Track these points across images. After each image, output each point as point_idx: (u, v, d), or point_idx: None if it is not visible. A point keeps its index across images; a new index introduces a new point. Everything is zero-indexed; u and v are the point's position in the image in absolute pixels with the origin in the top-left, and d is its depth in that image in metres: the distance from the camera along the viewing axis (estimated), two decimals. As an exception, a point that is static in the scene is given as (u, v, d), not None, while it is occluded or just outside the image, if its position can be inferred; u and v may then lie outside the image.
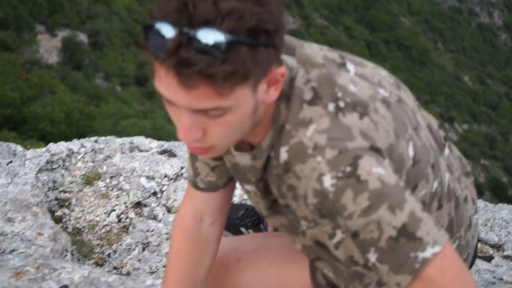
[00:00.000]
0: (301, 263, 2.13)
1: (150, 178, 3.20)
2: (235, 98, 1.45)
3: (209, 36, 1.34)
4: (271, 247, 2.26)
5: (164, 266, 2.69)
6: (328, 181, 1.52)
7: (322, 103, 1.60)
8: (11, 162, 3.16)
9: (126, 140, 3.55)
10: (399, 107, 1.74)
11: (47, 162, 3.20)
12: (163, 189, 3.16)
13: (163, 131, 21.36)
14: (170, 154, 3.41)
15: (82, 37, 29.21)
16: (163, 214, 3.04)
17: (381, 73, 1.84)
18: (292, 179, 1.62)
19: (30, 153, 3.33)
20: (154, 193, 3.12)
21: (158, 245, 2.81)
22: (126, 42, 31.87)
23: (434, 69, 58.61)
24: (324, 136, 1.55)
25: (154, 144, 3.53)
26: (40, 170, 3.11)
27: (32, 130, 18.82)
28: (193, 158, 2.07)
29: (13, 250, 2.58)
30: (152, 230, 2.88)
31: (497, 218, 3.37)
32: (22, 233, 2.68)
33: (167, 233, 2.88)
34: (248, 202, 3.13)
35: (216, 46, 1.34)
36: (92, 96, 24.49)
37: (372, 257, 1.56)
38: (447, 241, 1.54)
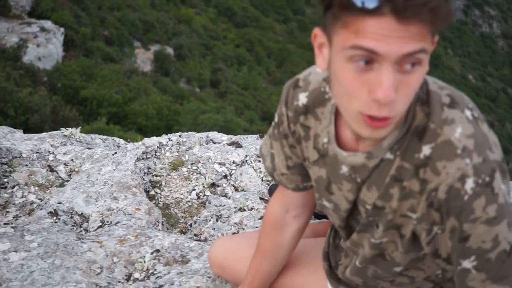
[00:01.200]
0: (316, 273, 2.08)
1: (221, 164, 3.24)
2: (429, 47, 1.36)
3: None
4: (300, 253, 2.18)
5: (233, 233, 2.75)
6: (469, 184, 1.42)
7: (460, 108, 1.51)
8: (115, 153, 3.25)
9: (203, 134, 3.59)
10: None
11: (143, 153, 3.28)
12: (232, 172, 3.21)
13: (232, 122, 21.53)
14: (237, 145, 3.45)
15: (169, 50, 29.73)
16: (232, 192, 3.08)
17: None
18: (427, 174, 1.50)
19: (130, 145, 3.40)
20: (225, 176, 3.19)
21: (228, 217, 2.85)
22: (203, 53, 32.23)
23: (445, 70, 59.91)
24: (471, 141, 1.45)
25: (225, 137, 3.55)
26: (137, 159, 3.18)
27: (132, 124, 19.26)
28: (278, 156, 1.91)
29: (118, 222, 2.70)
30: (223, 205, 2.93)
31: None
32: (125, 209, 2.78)
33: (235, 207, 2.91)
34: None
35: None
36: (177, 96, 24.79)
37: (469, 264, 1.49)
38: None
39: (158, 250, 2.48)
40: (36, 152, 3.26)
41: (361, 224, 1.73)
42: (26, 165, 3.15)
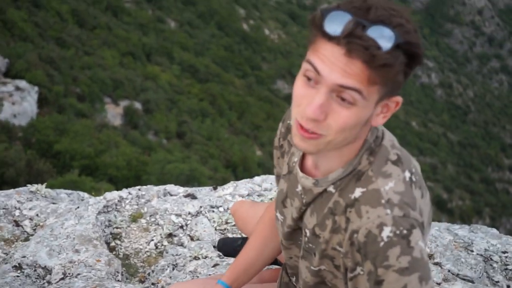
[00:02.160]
0: None
1: (178, 215, 3.22)
2: (370, 94, 1.41)
3: (384, 31, 1.34)
4: None
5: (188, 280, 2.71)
6: (386, 232, 1.45)
7: (402, 168, 1.56)
8: (78, 207, 3.20)
9: (161, 187, 3.56)
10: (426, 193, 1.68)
11: (104, 206, 3.25)
12: (188, 223, 3.18)
13: (197, 171, 21.50)
14: (193, 197, 3.44)
15: (138, 105, 29.78)
16: (188, 242, 3.05)
17: None
18: (352, 214, 1.54)
19: (92, 200, 3.38)
20: (181, 226, 3.16)
21: (184, 265, 2.82)
22: (169, 107, 32.30)
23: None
24: (398, 197, 1.49)
25: (181, 189, 3.53)
26: (99, 213, 3.14)
27: (103, 175, 19.10)
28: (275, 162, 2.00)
29: (78, 274, 2.63)
30: (180, 254, 2.91)
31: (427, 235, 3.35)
32: (86, 261, 2.72)
33: (190, 256, 2.89)
34: (237, 235, 3.15)
35: (386, 39, 1.34)
36: (146, 148, 24.74)
37: None
38: None
39: (116, 301, 2.43)
40: (3, 208, 3.22)
41: (303, 249, 1.75)
42: (-7, 221, 3.10)
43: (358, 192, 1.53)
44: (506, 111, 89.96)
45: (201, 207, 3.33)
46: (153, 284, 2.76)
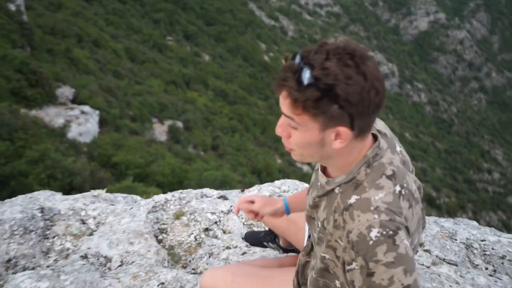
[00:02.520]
0: (287, 282, 2.06)
1: (212, 213, 3.23)
2: (303, 122, 1.45)
3: (306, 72, 1.37)
4: (263, 272, 2.16)
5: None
6: (374, 233, 1.46)
7: (394, 182, 1.55)
8: (132, 208, 3.26)
9: (199, 191, 3.57)
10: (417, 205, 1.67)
11: (153, 207, 3.27)
12: (221, 219, 3.19)
13: (228, 177, 21.46)
14: (224, 198, 3.43)
15: (179, 124, 29.99)
16: (221, 234, 3.05)
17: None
18: (346, 216, 1.54)
19: (143, 201, 3.40)
20: (216, 222, 3.17)
21: (218, 254, 2.84)
22: (205, 125, 32.46)
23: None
24: (385, 205, 1.49)
25: (215, 192, 3.53)
26: (148, 212, 3.18)
27: (152, 181, 19.19)
28: None
29: (132, 262, 2.69)
30: (214, 245, 2.93)
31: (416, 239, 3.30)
32: (138, 251, 2.77)
33: (223, 246, 2.92)
34: (261, 229, 3.15)
35: (305, 78, 1.36)
36: (186, 158, 24.82)
37: None
38: None
39: (162, 283, 2.45)
40: (72, 210, 3.23)
41: (317, 237, 1.75)
42: (64, 220, 3.12)
43: (353, 198, 1.55)
44: (484, 123, 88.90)
45: (231, 206, 3.33)
46: (193, 269, 2.77)
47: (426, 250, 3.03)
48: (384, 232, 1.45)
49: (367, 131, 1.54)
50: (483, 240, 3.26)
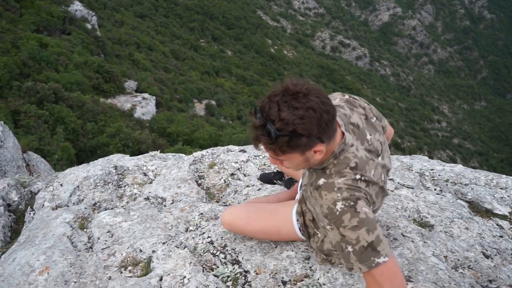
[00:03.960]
0: (286, 219, 1.96)
1: (235, 162, 3.20)
2: (286, 156, 1.41)
3: (271, 129, 1.32)
4: (268, 206, 2.05)
5: (244, 200, 2.68)
6: (339, 205, 1.42)
7: (355, 172, 1.49)
8: (178, 162, 3.23)
9: (225, 147, 3.53)
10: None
11: (193, 161, 3.24)
12: (242, 166, 3.15)
13: (249, 137, 21.64)
14: (243, 151, 3.39)
15: (213, 102, 29.87)
16: (242, 177, 3.03)
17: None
18: (317, 194, 1.51)
19: (186, 157, 3.39)
20: (238, 169, 3.13)
21: (241, 191, 2.81)
22: (232, 102, 32.11)
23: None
24: (346, 187, 1.44)
25: (236, 148, 3.48)
26: (190, 164, 3.16)
27: (196, 144, 19.20)
28: None
29: (180, 200, 2.68)
30: (238, 185, 2.90)
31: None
32: (184, 192, 2.76)
33: (244, 185, 2.87)
34: (271, 171, 3.04)
35: (272, 135, 1.33)
36: (219, 126, 24.75)
37: (349, 248, 1.42)
38: (392, 256, 1.42)
39: (201, 213, 2.44)
40: (136, 166, 3.24)
41: (305, 196, 1.74)
42: (131, 173, 3.13)
43: (321, 181, 1.50)
44: (433, 87, 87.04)
45: (248, 157, 3.30)
46: (223, 203, 2.76)
47: (390, 179, 2.97)
48: (347, 204, 1.42)
49: (334, 135, 1.47)
50: (432, 169, 3.20)
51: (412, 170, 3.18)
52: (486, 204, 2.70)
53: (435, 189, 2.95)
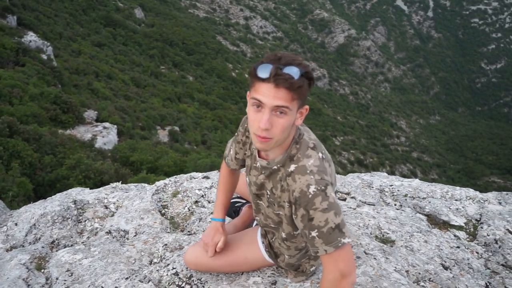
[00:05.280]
0: (251, 244, 1.97)
1: (199, 189, 3.16)
2: (293, 105, 1.42)
3: (292, 68, 1.37)
4: (230, 237, 2.03)
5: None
6: (312, 189, 1.47)
7: (317, 151, 1.56)
8: (141, 193, 3.17)
9: (188, 174, 3.49)
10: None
11: (156, 190, 3.18)
12: (206, 193, 3.12)
13: (216, 162, 21.40)
14: (207, 177, 3.35)
15: (176, 128, 29.63)
16: (207, 204, 2.99)
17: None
18: (290, 180, 1.55)
19: (148, 187, 3.33)
20: (202, 196, 3.10)
21: (206, 218, 2.78)
22: (195, 127, 32.08)
23: (324, 116, 60.28)
24: (316, 168, 1.50)
25: (199, 174, 3.44)
26: (153, 194, 3.10)
27: (160, 171, 18.88)
28: (230, 150, 1.95)
29: (144, 231, 2.64)
30: (202, 212, 2.87)
31: (346, 181, 3.27)
32: (147, 223, 2.70)
33: (208, 212, 2.84)
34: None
35: (295, 73, 1.37)
36: (184, 152, 24.50)
37: (314, 234, 1.48)
38: (350, 239, 1.52)
39: (166, 244, 2.41)
40: (97, 199, 3.16)
41: (268, 201, 1.74)
42: (92, 207, 3.04)
43: (292, 167, 1.55)
44: (390, 103, 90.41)
45: (212, 183, 3.29)
46: (188, 231, 2.72)
47: (352, 197, 3.04)
48: (319, 187, 1.47)
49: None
50: (391, 185, 3.30)
51: (372, 187, 3.27)
52: (443, 216, 2.81)
53: (395, 204, 3.04)
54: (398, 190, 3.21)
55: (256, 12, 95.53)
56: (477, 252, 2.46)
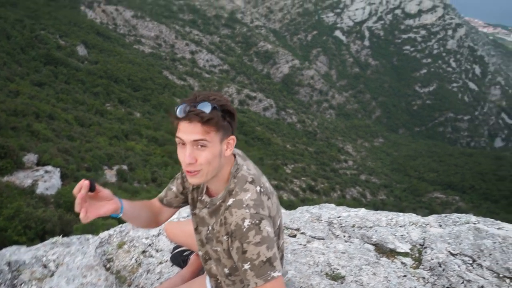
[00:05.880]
0: (200, 284, 1.98)
1: (146, 238, 3.07)
2: (212, 138, 1.50)
3: (205, 104, 1.47)
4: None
5: (157, 280, 2.56)
6: (246, 222, 1.51)
7: (255, 185, 1.61)
8: (83, 247, 3.03)
9: None
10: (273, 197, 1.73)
11: (99, 243, 3.06)
12: (153, 241, 3.03)
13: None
14: None
15: (124, 167, 28.79)
16: (155, 253, 2.91)
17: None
18: (227, 214, 1.58)
19: (92, 239, 3.17)
20: (150, 244, 3.01)
21: (154, 269, 2.71)
22: (144, 165, 31.32)
23: (274, 145, 61.71)
24: (253, 202, 1.55)
25: None
26: (97, 247, 2.99)
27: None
28: (170, 189, 1.95)
29: (87, 290, 2.50)
30: (150, 263, 2.78)
31: (295, 216, 3.29)
32: (91, 281, 2.57)
33: (157, 262, 2.77)
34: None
35: (207, 107, 1.46)
36: (133, 192, 23.69)
37: (247, 266, 1.51)
38: (281, 273, 1.54)
39: (111, 303, 2.26)
40: (34, 258, 2.93)
41: (206, 238, 1.78)
42: (29, 268, 2.82)
43: (230, 201, 1.60)
44: (336, 129, 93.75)
45: (160, 230, 3.18)
46: (136, 286, 2.59)
47: (302, 233, 3.05)
48: (253, 221, 1.52)
49: (234, 144, 1.63)
50: (339, 217, 3.34)
51: (321, 220, 3.31)
52: (389, 244, 2.88)
53: (344, 236, 3.08)
54: (346, 221, 3.26)
55: (201, 46, 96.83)
56: (423, 278, 2.53)
